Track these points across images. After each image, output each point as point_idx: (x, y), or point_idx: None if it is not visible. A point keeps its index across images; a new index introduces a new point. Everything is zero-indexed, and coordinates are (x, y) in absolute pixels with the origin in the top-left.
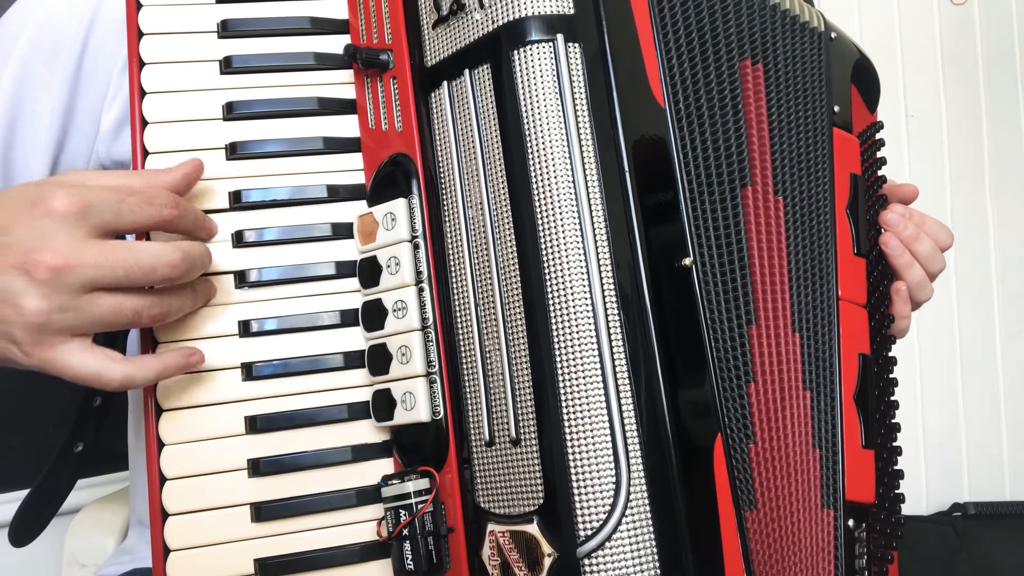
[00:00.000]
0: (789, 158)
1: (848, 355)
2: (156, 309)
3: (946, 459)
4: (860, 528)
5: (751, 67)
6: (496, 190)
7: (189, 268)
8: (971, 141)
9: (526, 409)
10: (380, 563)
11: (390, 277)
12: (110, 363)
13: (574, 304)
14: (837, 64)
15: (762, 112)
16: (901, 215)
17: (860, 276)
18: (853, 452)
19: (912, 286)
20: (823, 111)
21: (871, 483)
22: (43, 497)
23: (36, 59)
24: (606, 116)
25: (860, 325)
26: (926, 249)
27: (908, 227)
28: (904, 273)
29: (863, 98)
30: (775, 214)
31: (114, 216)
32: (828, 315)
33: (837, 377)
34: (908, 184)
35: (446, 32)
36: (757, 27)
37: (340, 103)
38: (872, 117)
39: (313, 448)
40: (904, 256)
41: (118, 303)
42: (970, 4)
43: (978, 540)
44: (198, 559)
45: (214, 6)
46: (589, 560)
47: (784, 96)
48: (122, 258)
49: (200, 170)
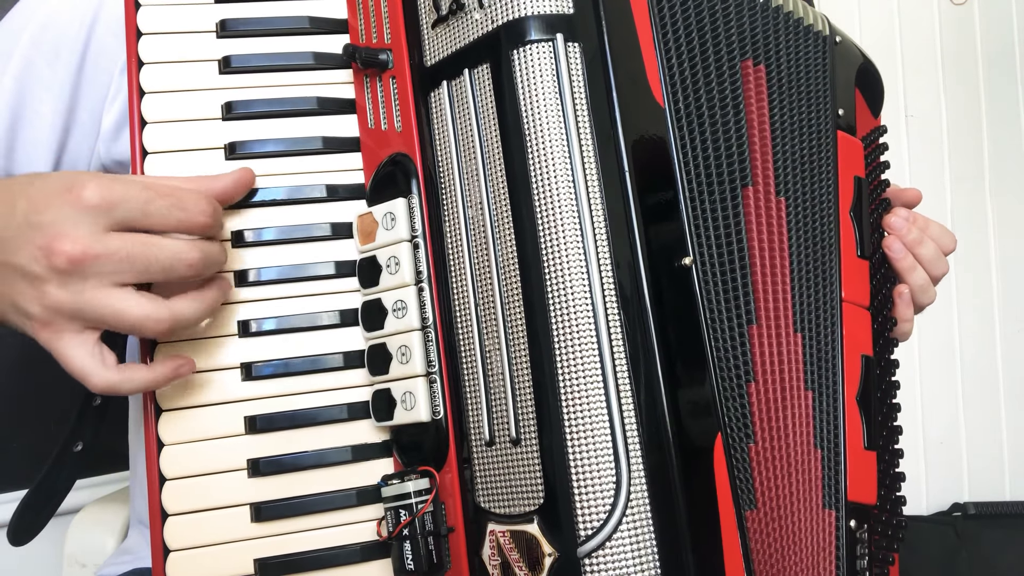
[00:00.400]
0: (792, 159)
1: (851, 356)
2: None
3: (946, 459)
4: (862, 529)
5: (753, 68)
6: (496, 190)
7: (206, 268)
8: (971, 141)
9: (526, 409)
10: (380, 563)
11: (390, 277)
12: (100, 367)
13: (574, 303)
14: (841, 68)
15: (764, 113)
16: (905, 219)
17: (863, 278)
18: (855, 453)
19: (915, 289)
20: (827, 114)
21: (873, 484)
22: (42, 496)
23: (39, 58)
24: (606, 115)
25: (863, 327)
26: (929, 253)
27: (912, 231)
28: (907, 276)
29: (867, 102)
30: (777, 214)
31: (140, 215)
32: (831, 316)
33: (840, 378)
34: (911, 188)
35: (445, 32)
36: (759, 28)
37: (339, 103)
38: (876, 121)
39: (313, 448)
40: (907, 259)
41: (126, 303)
42: (970, 4)
43: (978, 540)
44: (198, 559)
45: (213, 6)
46: (589, 560)
47: (787, 98)
48: (142, 253)
49: (251, 178)
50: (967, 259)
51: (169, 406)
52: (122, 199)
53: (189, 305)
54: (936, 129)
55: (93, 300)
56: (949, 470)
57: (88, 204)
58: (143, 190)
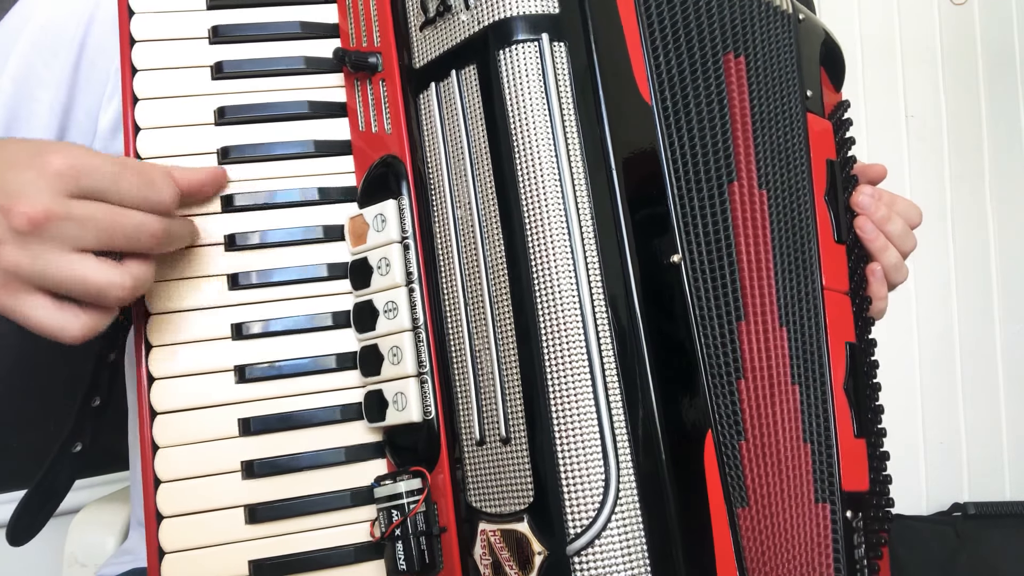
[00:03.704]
0: (770, 150)
1: (836, 345)
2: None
3: (946, 459)
4: (857, 518)
5: (734, 60)
6: (484, 189)
7: (169, 242)
8: (971, 141)
9: (515, 407)
10: (374, 564)
11: (381, 278)
12: (69, 317)
13: (562, 302)
14: (806, 46)
15: (745, 105)
16: (871, 196)
17: (841, 263)
18: (847, 442)
19: (888, 268)
20: (797, 98)
21: (865, 472)
22: (41, 496)
23: (36, 59)
24: (592, 114)
25: (845, 313)
26: (898, 229)
27: (880, 208)
28: (880, 256)
29: (829, 78)
30: (760, 208)
31: (110, 185)
32: (813, 307)
33: (827, 369)
34: (877, 164)
35: (433, 34)
36: (738, 18)
37: (330, 106)
38: (838, 96)
39: (307, 449)
40: (879, 240)
41: (85, 269)
42: (970, 4)
43: (978, 540)
44: (193, 561)
45: (205, 12)
46: (579, 558)
47: (763, 87)
48: (105, 219)
49: (225, 178)
50: (967, 258)
51: (163, 409)
52: (91, 169)
53: (145, 267)
54: (936, 129)
55: (54, 263)
56: (949, 470)
57: (54, 170)
58: (114, 164)
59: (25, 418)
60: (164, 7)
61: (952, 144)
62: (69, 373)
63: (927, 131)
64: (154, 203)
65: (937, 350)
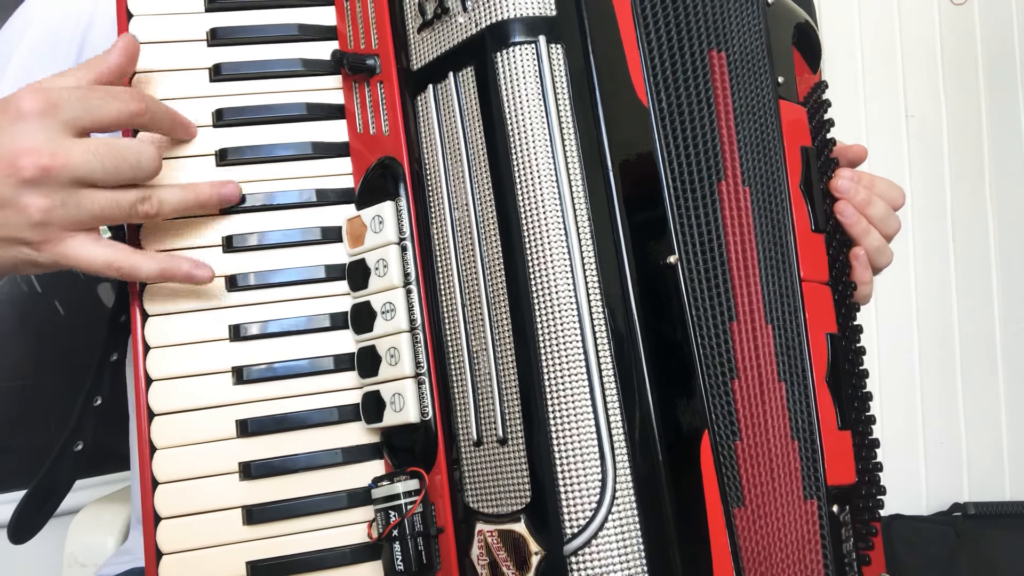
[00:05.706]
0: (750, 144)
1: (816, 338)
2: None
3: (946, 459)
4: (844, 512)
5: (716, 56)
6: (481, 191)
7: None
8: (971, 141)
9: (513, 408)
10: (371, 565)
11: (378, 279)
12: (120, 252)
13: (559, 302)
14: (777, 31)
15: (728, 102)
16: (850, 179)
17: (820, 253)
18: (830, 436)
19: (871, 252)
20: (768, 86)
21: (851, 464)
22: (42, 495)
23: (35, 63)
24: (589, 116)
25: (825, 304)
26: (879, 212)
27: (860, 191)
28: (862, 240)
29: (805, 60)
30: (744, 205)
31: (83, 111)
32: (793, 301)
33: (808, 363)
34: (857, 144)
35: (431, 36)
36: (719, 11)
37: (328, 108)
38: (815, 77)
39: (304, 451)
40: (860, 223)
41: (114, 195)
42: (970, 4)
43: (978, 540)
44: (191, 562)
45: (204, 15)
46: (576, 558)
47: (742, 81)
48: (108, 153)
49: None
50: (967, 258)
51: (161, 410)
52: (59, 99)
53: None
54: (936, 129)
55: (79, 199)
56: (949, 470)
57: (31, 112)
58: (75, 88)
59: (25, 418)
60: (163, 9)
61: (952, 144)
62: (71, 374)
63: (927, 131)
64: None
65: (937, 350)
